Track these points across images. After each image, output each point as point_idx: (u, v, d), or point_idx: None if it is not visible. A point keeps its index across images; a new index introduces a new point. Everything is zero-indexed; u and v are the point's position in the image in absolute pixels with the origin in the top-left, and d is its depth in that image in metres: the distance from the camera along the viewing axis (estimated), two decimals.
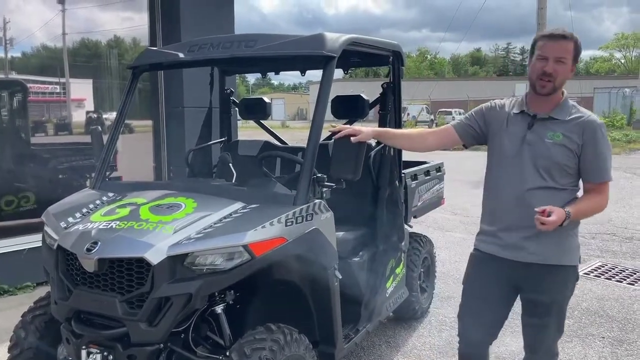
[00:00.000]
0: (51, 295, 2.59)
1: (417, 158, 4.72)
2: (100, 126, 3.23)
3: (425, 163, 4.61)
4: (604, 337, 4.04)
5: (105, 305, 2.32)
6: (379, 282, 3.40)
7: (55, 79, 6.18)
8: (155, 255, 2.22)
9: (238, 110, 4.28)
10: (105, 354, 2.33)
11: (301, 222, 2.49)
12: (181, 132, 6.01)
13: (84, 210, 2.75)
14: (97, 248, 2.28)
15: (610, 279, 5.38)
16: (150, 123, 6.39)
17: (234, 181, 3.38)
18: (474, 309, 2.57)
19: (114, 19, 6.51)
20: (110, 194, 2.91)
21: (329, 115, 3.12)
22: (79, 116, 6.62)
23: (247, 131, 12.01)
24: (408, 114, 33.96)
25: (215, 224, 2.40)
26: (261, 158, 3.31)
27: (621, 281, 5.33)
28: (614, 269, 5.74)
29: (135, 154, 6.43)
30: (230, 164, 3.57)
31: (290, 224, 2.43)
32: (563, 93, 2.39)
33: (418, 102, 38.26)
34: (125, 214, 2.51)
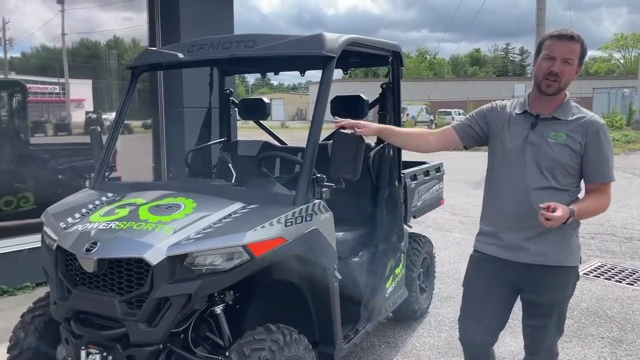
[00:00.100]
0: (50, 296, 2.59)
1: (417, 158, 4.72)
2: (99, 126, 3.22)
3: (424, 163, 4.61)
4: (603, 337, 4.04)
5: (105, 305, 2.32)
6: (378, 283, 3.40)
7: (55, 80, 6.18)
8: (154, 256, 2.22)
9: (237, 111, 4.28)
10: (105, 354, 2.33)
11: (301, 223, 2.49)
12: (181, 133, 6.01)
13: (84, 210, 2.75)
14: (97, 248, 2.28)
15: (609, 279, 5.38)
16: (149, 123, 6.39)
17: (233, 181, 3.38)
18: (475, 311, 2.56)
19: (114, 19, 6.51)
20: (110, 194, 2.91)
21: (328, 115, 3.12)
22: (78, 116, 6.62)
23: (247, 131, 12.02)
24: (407, 114, 33.97)
25: (214, 224, 2.40)
26: (260, 158, 3.31)
27: (620, 281, 5.33)
28: (613, 269, 5.74)
29: (135, 154, 6.43)
30: (230, 164, 3.57)
31: (289, 224, 2.43)
32: (565, 94, 2.40)
33: (417, 103, 38.26)
34: (124, 214, 2.51)
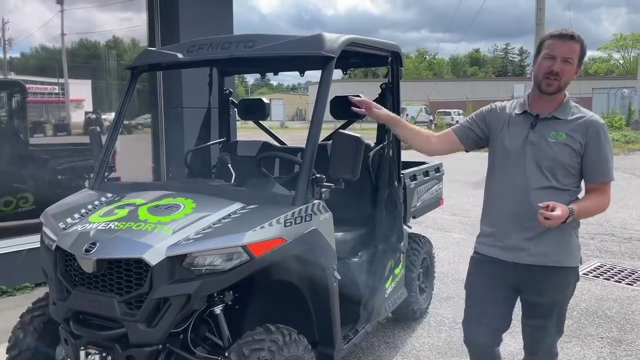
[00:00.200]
0: (49, 296, 2.59)
1: (416, 158, 4.72)
2: (99, 127, 3.22)
3: (424, 163, 4.62)
4: (602, 338, 4.04)
5: (104, 306, 2.32)
6: (377, 283, 3.40)
7: (54, 80, 6.17)
8: (153, 256, 2.22)
9: (237, 111, 4.28)
10: (104, 354, 2.33)
11: (300, 223, 2.49)
12: (180, 133, 6.01)
13: (83, 211, 2.75)
14: (96, 249, 2.28)
15: (608, 280, 5.39)
16: (149, 123, 6.39)
17: (232, 182, 3.38)
18: (478, 313, 2.56)
19: (113, 19, 6.51)
20: (109, 195, 2.91)
21: (327, 115, 3.12)
22: (77, 117, 6.62)
23: (246, 132, 12.02)
24: (407, 115, 33.97)
25: (214, 224, 2.40)
26: (260, 158, 3.31)
27: (620, 281, 5.33)
28: (612, 269, 5.74)
29: (134, 154, 6.43)
30: (229, 165, 3.57)
31: (289, 224, 2.43)
32: (565, 94, 2.40)
33: (417, 103, 38.25)
34: (123, 215, 2.50)
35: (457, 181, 10.65)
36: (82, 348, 2.36)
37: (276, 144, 4.40)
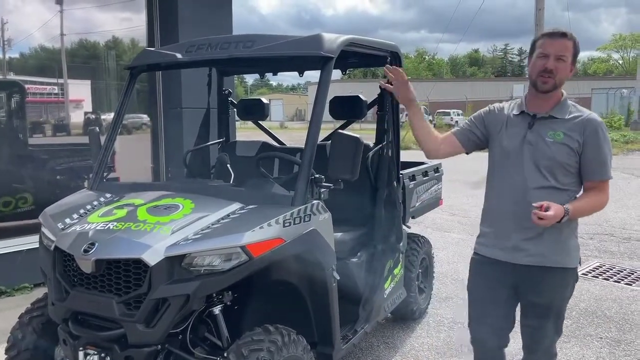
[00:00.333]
0: (48, 297, 2.59)
1: (416, 158, 4.72)
2: (98, 127, 3.22)
3: (423, 163, 4.62)
4: (601, 338, 4.04)
5: (103, 306, 2.32)
6: (377, 283, 3.40)
7: (53, 80, 6.17)
8: (152, 256, 2.22)
9: (236, 111, 4.28)
10: (103, 355, 2.33)
11: (299, 223, 2.49)
12: (179, 133, 6.01)
13: (82, 211, 2.74)
14: (95, 249, 2.28)
15: (608, 280, 5.39)
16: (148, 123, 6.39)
17: (231, 182, 3.38)
18: (481, 314, 2.56)
19: (112, 19, 6.51)
20: (108, 195, 2.91)
21: (327, 116, 3.12)
22: (77, 117, 6.61)
23: (245, 132, 12.01)
24: (406, 115, 33.89)
25: (213, 224, 2.40)
26: (259, 159, 3.30)
27: (619, 282, 5.33)
28: (611, 269, 5.74)
29: (133, 154, 6.43)
30: (228, 165, 3.56)
31: (288, 224, 2.43)
32: (562, 93, 2.40)
33: None
34: (122, 215, 2.50)
35: (456, 181, 10.65)
36: (81, 348, 2.36)
37: (275, 144, 4.40)
